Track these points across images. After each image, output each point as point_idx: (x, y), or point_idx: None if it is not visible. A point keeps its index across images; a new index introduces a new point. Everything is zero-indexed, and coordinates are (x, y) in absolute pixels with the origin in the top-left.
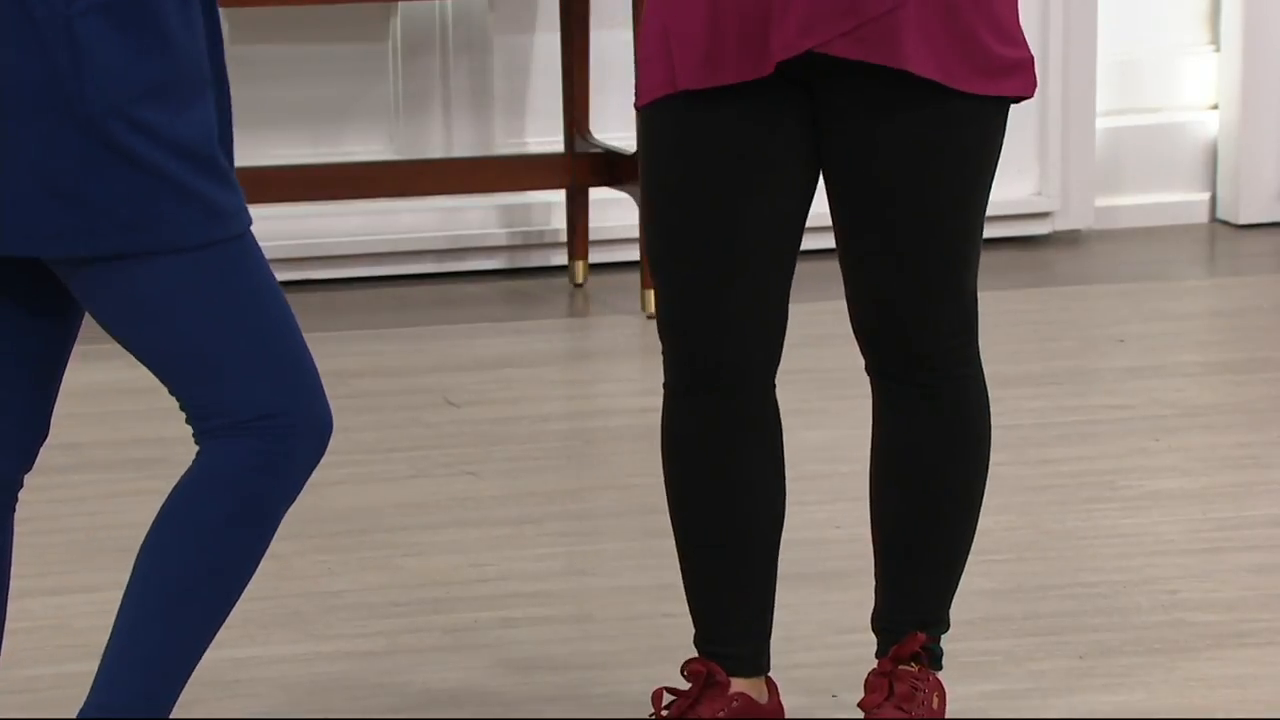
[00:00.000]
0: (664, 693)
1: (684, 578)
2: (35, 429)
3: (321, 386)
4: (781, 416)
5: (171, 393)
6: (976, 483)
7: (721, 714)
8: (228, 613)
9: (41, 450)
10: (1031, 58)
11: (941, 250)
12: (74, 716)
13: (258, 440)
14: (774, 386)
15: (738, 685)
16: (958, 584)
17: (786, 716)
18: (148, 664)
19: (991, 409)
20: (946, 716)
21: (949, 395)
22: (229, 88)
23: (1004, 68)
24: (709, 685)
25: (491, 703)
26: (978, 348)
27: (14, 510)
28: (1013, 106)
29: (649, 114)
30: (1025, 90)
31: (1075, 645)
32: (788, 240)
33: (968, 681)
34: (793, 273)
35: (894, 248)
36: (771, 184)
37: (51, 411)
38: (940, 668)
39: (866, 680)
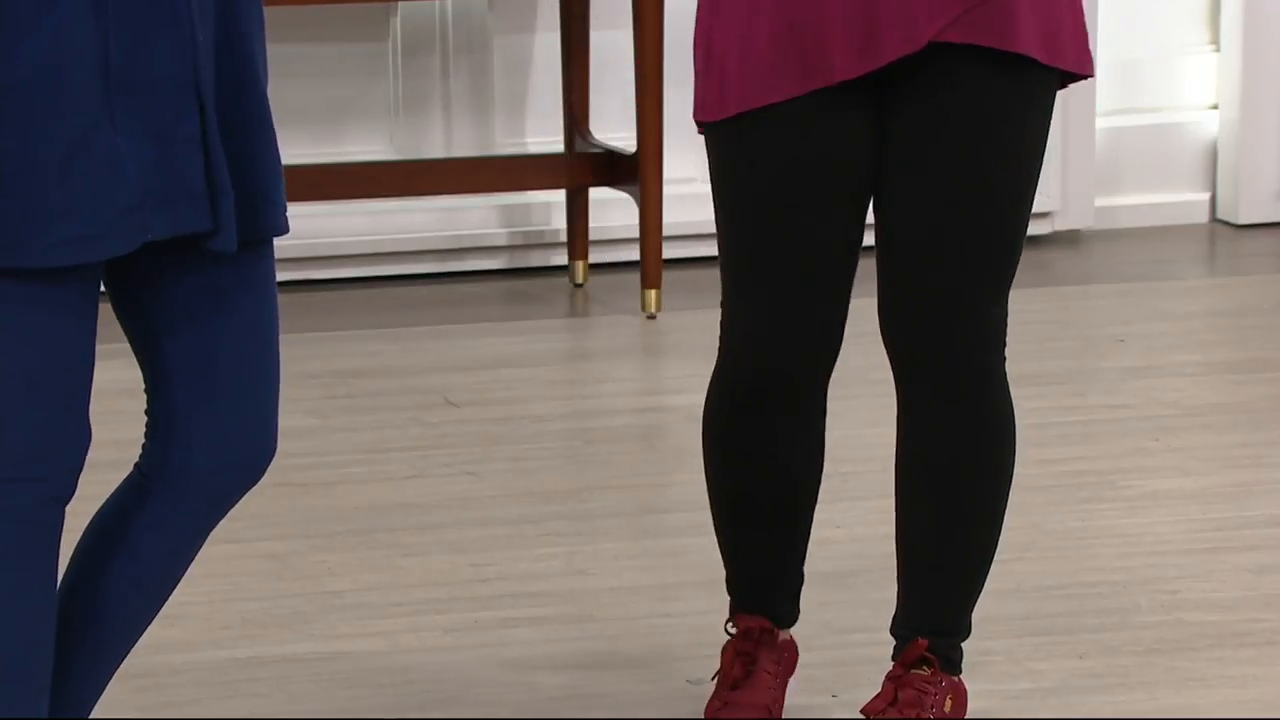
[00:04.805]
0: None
1: (729, 549)
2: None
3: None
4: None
5: None
6: (995, 491)
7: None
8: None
9: None
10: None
11: (986, 247)
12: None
13: None
14: (827, 381)
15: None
16: (980, 590)
17: (788, 717)
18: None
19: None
20: (962, 718)
21: (968, 404)
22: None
23: (1081, 45)
24: (764, 634)
25: (491, 703)
26: (1003, 358)
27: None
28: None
29: (712, 134)
30: (1091, 69)
31: (1075, 645)
32: (854, 241)
33: (968, 681)
34: (855, 270)
35: (941, 236)
36: (838, 189)
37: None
38: (958, 671)
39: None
